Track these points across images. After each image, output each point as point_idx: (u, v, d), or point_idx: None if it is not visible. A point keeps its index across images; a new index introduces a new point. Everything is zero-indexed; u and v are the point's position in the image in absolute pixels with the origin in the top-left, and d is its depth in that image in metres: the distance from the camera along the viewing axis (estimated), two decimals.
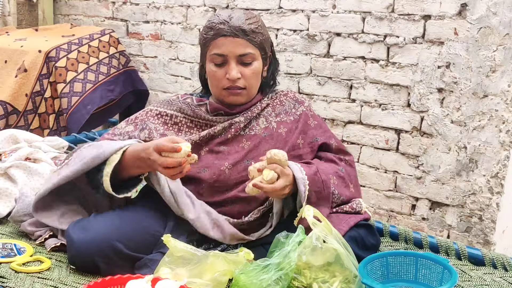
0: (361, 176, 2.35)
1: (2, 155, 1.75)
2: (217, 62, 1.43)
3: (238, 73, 1.41)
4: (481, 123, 2.01)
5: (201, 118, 1.48)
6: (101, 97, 2.77)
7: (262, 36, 1.45)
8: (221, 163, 1.43)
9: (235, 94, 1.45)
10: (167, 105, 1.50)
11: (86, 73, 2.75)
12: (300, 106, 1.56)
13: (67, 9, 3.36)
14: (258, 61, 1.45)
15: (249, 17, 1.43)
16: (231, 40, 1.40)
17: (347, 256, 1.20)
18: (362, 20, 2.25)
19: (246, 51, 1.41)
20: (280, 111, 1.53)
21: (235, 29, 1.39)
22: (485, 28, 1.96)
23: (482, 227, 2.06)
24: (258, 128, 1.49)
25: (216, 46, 1.41)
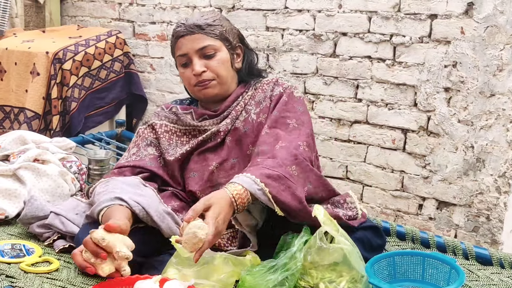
0: (368, 176, 2.35)
1: (11, 156, 1.77)
2: (183, 63, 1.46)
3: (201, 66, 1.43)
4: (488, 122, 2.01)
5: (188, 126, 1.49)
6: (88, 106, 2.83)
7: (221, 27, 1.46)
8: (208, 163, 1.44)
9: (206, 87, 1.45)
10: (155, 116, 1.53)
11: (84, 79, 2.81)
12: (279, 87, 1.48)
13: (74, 11, 3.38)
14: (222, 51, 1.46)
15: (204, 14, 1.47)
16: (188, 38, 1.43)
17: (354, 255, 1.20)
18: (368, 19, 2.25)
19: (204, 43, 1.43)
20: (260, 99, 1.49)
21: (190, 26, 1.43)
22: (492, 27, 1.95)
23: (489, 227, 2.05)
24: (238, 121, 1.46)
25: (178, 49, 1.46)
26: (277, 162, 1.27)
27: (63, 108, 2.74)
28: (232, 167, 1.42)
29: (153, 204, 1.29)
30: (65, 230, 1.39)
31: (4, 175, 1.66)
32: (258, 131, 1.43)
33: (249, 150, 1.43)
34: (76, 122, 2.74)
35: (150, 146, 1.49)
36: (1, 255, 1.31)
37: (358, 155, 2.37)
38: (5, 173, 1.66)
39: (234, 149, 1.45)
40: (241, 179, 1.22)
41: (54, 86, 2.70)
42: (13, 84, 2.81)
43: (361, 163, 2.37)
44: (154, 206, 1.29)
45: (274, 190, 1.21)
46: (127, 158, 1.49)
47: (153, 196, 1.34)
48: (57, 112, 2.72)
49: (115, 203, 1.24)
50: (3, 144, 1.81)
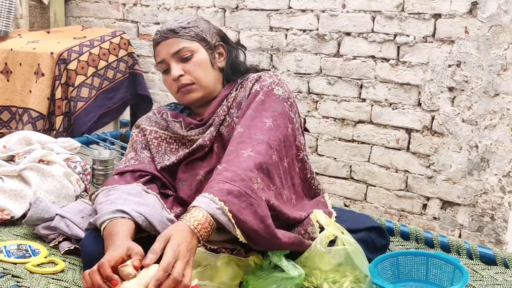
0: (372, 175, 2.35)
1: (16, 156, 1.78)
2: (162, 70, 1.45)
3: (179, 70, 1.41)
4: (493, 122, 2.00)
5: (177, 134, 1.47)
6: (99, 106, 2.84)
7: (197, 28, 1.44)
8: (195, 172, 1.42)
9: (187, 92, 1.42)
10: (146, 121, 1.52)
11: (93, 78, 2.81)
12: (258, 84, 1.37)
13: (78, 11, 3.40)
14: (200, 52, 1.42)
15: (179, 18, 1.47)
16: (163, 44, 1.43)
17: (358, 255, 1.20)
18: (372, 19, 2.25)
19: (179, 47, 1.41)
20: (240, 99, 1.41)
21: (164, 32, 1.43)
22: (496, 26, 1.95)
23: (494, 227, 2.05)
24: (223, 127, 1.42)
25: (156, 56, 1.46)
26: (239, 175, 1.13)
27: (68, 109, 2.75)
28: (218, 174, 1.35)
29: (156, 213, 1.27)
30: (70, 233, 1.39)
31: (10, 175, 1.67)
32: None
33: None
34: (81, 122, 2.75)
35: (145, 149, 1.48)
36: (7, 255, 1.32)
37: (362, 155, 2.37)
38: (10, 174, 1.67)
39: (221, 156, 1.36)
40: (200, 201, 1.10)
41: (59, 87, 2.71)
42: (18, 84, 2.83)
43: (365, 163, 2.37)
44: (157, 216, 1.26)
45: (235, 208, 1.08)
46: (126, 163, 1.47)
47: (155, 203, 1.32)
48: (60, 113, 2.74)
49: (117, 216, 1.21)
50: (9, 144, 1.82)
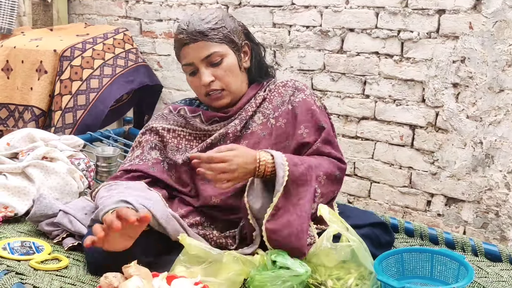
0: (376, 172, 2.34)
1: (19, 154, 1.78)
2: (189, 72, 1.42)
3: (209, 76, 1.38)
4: (497, 118, 1.99)
5: (198, 130, 1.46)
6: (118, 88, 2.74)
7: (225, 29, 1.40)
8: None
9: (217, 98, 1.42)
10: (163, 120, 1.49)
11: (102, 69, 2.75)
12: (300, 93, 1.44)
13: (81, 9, 3.39)
14: (229, 56, 1.41)
15: (204, 16, 1.40)
16: (192, 46, 1.38)
17: (362, 252, 1.20)
18: (376, 15, 2.24)
19: (209, 51, 1.38)
20: (277, 103, 1.44)
21: (193, 34, 1.37)
22: (501, 21, 1.94)
23: (498, 223, 2.04)
24: (255, 125, 1.43)
25: (183, 57, 1.42)
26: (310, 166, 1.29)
27: (73, 103, 2.70)
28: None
29: (159, 207, 1.27)
30: (73, 230, 1.39)
31: (13, 173, 1.67)
32: (277, 135, 1.41)
33: None
34: (98, 110, 2.66)
35: (154, 150, 1.45)
36: (11, 253, 1.32)
37: (366, 152, 2.36)
38: (14, 171, 1.67)
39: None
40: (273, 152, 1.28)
41: (58, 83, 2.69)
42: (19, 82, 2.82)
43: (369, 159, 2.36)
44: (161, 210, 1.27)
45: (293, 176, 1.24)
46: (131, 161, 1.46)
47: (158, 199, 1.32)
48: (58, 108, 2.68)
49: (120, 206, 1.20)
50: (12, 142, 1.82)
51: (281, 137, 1.41)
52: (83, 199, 1.55)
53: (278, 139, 1.41)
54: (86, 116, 2.67)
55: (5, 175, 1.66)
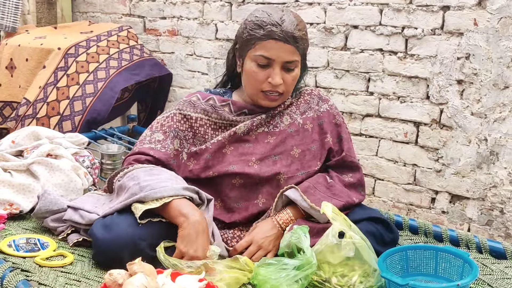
0: (380, 169, 2.34)
1: (24, 151, 1.79)
2: (261, 63, 1.40)
3: (281, 79, 1.40)
4: (502, 114, 1.98)
5: (225, 119, 1.48)
6: (125, 79, 2.73)
7: (306, 43, 1.45)
8: (248, 158, 1.44)
9: (272, 100, 1.45)
10: (190, 107, 1.48)
11: (108, 62, 2.74)
12: (324, 103, 1.55)
13: (85, 7, 3.40)
14: (298, 68, 1.45)
15: (299, 22, 1.42)
16: (281, 45, 1.38)
17: (366, 250, 1.20)
18: (380, 12, 2.23)
19: (293, 58, 1.40)
20: (305, 109, 1.54)
21: (287, 34, 1.37)
22: (505, 18, 1.93)
23: (503, 220, 2.03)
24: (283, 125, 1.49)
25: (264, 48, 1.38)
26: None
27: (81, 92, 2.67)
28: (274, 164, 1.44)
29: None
30: (84, 222, 1.38)
31: (18, 170, 1.68)
32: (304, 136, 1.49)
33: (293, 151, 1.47)
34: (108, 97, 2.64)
35: (176, 139, 1.45)
36: (16, 249, 1.33)
37: (370, 149, 2.36)
38: (19, 168, 1.68)
39: (278, 147, 1.47)
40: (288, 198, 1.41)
41: (64, 77, 2.67)
42: (22, 80, 2.82)
43: (373, 156, 2.35)
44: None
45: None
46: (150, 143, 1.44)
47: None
48: (65, 97, 2.64)
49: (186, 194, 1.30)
50: (17, 139, 1.83)
51: (307, 139, 1.49)
52: (92, 194, 1.54)
53: (304, 140, 1.49)
54: (96, 102, 2.62)
55: (10, 172, 1.67)
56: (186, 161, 1.46)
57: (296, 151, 1.47)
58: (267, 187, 1.44)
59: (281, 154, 1.45)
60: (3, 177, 1.61)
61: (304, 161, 1.47)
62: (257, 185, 1.44)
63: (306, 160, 1.47)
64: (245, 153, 1.45)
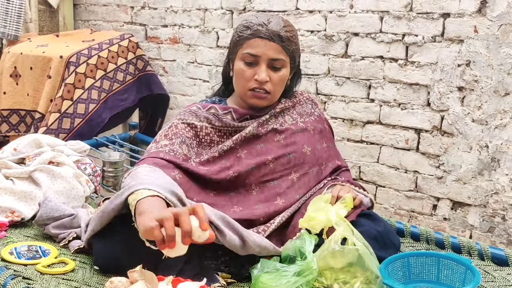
0: (381, 176, 2.33)
1: (26, 159, 1.79)
2: (248, 61, 1.45)
3: (267, 76, 1.44)
4: (503, 121, 1.99)
5: (230, 126, 1.50)
6: (111, 107, 2.81)
7: (295, 45, 1.48)
8: (263, 158, 1.48)
9: (259, 98, 1.47)
10: (192, 116, 1.49)
11: (102, 81, 2.80)
12: (316, 107, 1.65)
13: (87, 15, 3.42)
14: (287, 68, 1.48)
15: (286, 24, 1.47)
16: (266, 42, 1.42)
17: (368, 256, 1.19)
18: (380, 19, 2.24)
19: (278, 56, 1.44)
20: (301, 112, 1.60)
21: (272, 33, 1.42)
22: (506, 25, 1.93)
23: (505, 227, 2.03)
24: (287, 124, 1.54)
25: (250, 46, 1.44)
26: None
27: (73, 110, 2.71)
28: (288, 162, 1.49)
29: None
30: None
31: (20, 177, 1.68)
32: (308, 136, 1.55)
33: (305, 149, 1.52)
34: (95, 123, 2.71)
35: (184, 144, 1.43)
36: (18, 257, 1.33)
37: (371, 156, 2.36)
38: (21, 176, 1.68)
39: (289, 146, 1.51)
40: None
41: (62, 86, 2.70)
42: (29, 88, 2.84)
43: (374, 163, 2.35)
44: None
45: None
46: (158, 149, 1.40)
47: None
48: (56, 110, 2.66)
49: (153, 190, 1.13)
50: (19, 147, 1.83)
51: (312, 139, 1.56)
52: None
53: (310, 140, 1.55)
54: (83, 125, 2.70)
55: (12, 180, 1.67)
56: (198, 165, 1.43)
57: (308, 149, 1.53)
58: (284, 186, 1.47)
59: (295, 152, 1.51)
60: (5, 185, 1.62)
61: (314, 159, 1.54)
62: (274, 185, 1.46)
63: (316, 158, 1.54)
64: (259, 153, 1.48)
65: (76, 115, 2.70)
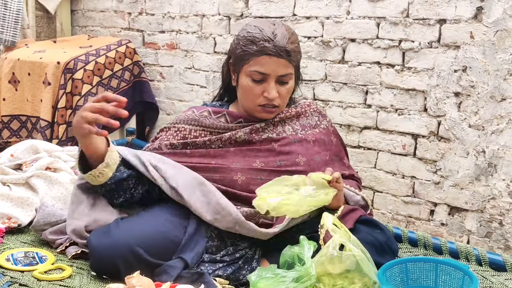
0: (378, 182, 2.34)
1: (23, 165, 1.78)
2: (256, 79, 1.43)
3: (276, 92, 1.43)
4: (500, 126, 1.99)
5: (221, 128, 1.49)
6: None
7: (299, 55, 1.47)
8: (252, 160, 1.45)
9: (269, 112, 1.48)
10: (183, 121, 1.51)
11: (97, 88, 2.82)
12: (324, 119, 1.60)
13: (84, 21, 3.42)
14: (292, 80, 1.47)
15: (290, 34, 1.44)
16: (275, 60, 1.40)
17: (366, 262, 1.19)
18: (377, 25, 2.25)
19: (287, 71, 1.43)
20: (305, 124, 1.55)
21: (280, 49, 1.39)
22: (501, 31, 1.95)
23: (502, 232, 2.03)
24: (285, 134, 1.51)
25: (258, 63, 1.41)
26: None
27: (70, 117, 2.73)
28: (278, 166, 1.45)
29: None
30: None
31: (17, 183, 1.67)
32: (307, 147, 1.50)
33: (298, 159, 1.47)
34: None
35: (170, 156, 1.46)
36: (15, 263, 1.32)
37: (368, 161, 2.36)
38: (18, 182, 1.67)
39: (283, 154, 1.48)
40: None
41: (63, 96, 2.72)
42: (28, 94, 2.85)
43: (371, 169, 2.36)
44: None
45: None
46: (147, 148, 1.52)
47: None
48: (63, 122, 2.72)
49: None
50: (16, 153, 1.83)
51: (311, 150, 1.50)
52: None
53: (308, 151, 1.50)
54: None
55: (9, 186, 1.67)
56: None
57: (302, 159, 1.48)
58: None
59: (286, 161, 1.46)
60: (1, 191, 1.61)
61: (309, 169, 1.46)
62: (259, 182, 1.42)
63: (311, 168, 1.47)
64: (248, 155, 1.46)
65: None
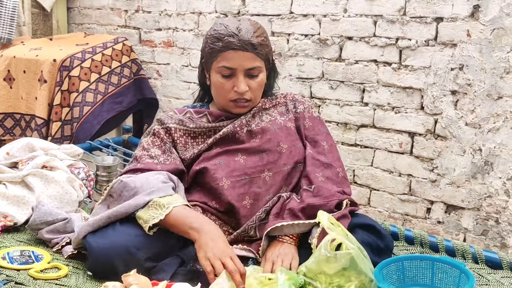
0: (375, 180, 2.34)
1: (19, 163, 1.78)
2: (225, 74, 1.45)
3: (245, 86, 1.45)
4: (496, 124, 2.00)
5: (204, 128, 1.51)
6: (108, 110, 2.82)
7: (267, 47, 1.48)
8: (234, 155, 1.47)
9: (242, 107, 1.50)
10: (169, 119, 1.52)
11: (97, 84, 2.81)
12: (300, 105, 1.58)
13: (80, 18, 3.41)
14: (263, 72, 1.49)
15: (256, 29, 1.46)
16: (240, 54, 1.42)
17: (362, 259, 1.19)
18: (374, 23, 2.25)
19: (254, 64, 1.44)
20: (283, 111, 1.57)
21: (245, 43, 1.42)
22: (498, 29, 1.95)
23: (498, 230, 2.03)
24: (263, 122, 1.52)
25: (225, 59, 1.44)
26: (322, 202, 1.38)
27: (71, 116, 2.74)
28: (260, 159, 1.46)
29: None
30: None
31: (13, 182, 1.67)
32: (288, 133, 1.51)
33: (280, 147, 1.48)
34: (90, 126, 2.72)
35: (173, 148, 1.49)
36: (11, 262, 1.32)
37: (365, 159, 2.36)
38: (14, 180, 1.67)
39: (264, 143, 1.49)
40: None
41: (58, 93, 2.70)
42: (23, 91, 2.83)
43: (368, 167, 2.36)
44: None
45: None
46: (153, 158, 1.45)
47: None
48: (58, 119, 2.71)
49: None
50: (12, 151, 1.82)
51: (291, 136, 1.52)
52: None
53: (289, 138, 1.51)
54: (79, 129, 2.71)
55: (4, 184, 1.66)
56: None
57: (284, 146, 1.49)
58: (254, 186, 1.44)
59: (268, 150, 1.48)
60: None
61: (290, 156, 1.49)
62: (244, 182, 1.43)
63: (292, 155, 1.49)
64: (231, 152, 1.48)
65: (74, 120, 2.73)
